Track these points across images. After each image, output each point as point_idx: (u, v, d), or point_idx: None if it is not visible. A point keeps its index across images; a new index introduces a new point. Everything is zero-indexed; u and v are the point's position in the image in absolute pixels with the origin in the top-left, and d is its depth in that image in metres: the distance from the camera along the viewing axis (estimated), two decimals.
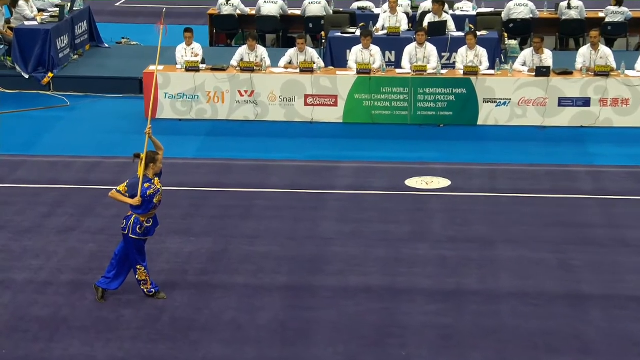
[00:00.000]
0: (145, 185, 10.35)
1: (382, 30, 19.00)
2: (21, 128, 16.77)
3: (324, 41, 19.15)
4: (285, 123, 16.96)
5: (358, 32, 18.28)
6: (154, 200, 10.45)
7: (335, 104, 17.01)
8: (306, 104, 17.05)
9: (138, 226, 10.41)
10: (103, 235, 12.32)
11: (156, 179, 10.53)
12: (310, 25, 20.72)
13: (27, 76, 18.68)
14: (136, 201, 10.31)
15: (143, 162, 10.37)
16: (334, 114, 17.02)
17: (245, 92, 17.09)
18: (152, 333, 10.00)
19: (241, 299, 10.74)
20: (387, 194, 13.85)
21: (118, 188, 10.42)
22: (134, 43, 21.96)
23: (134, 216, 10.41)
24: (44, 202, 13.37)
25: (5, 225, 12.53)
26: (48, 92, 18.58)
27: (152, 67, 17.28)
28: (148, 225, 10.52)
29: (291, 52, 17.55)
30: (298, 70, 17.12)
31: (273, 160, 15.18)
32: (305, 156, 15.41)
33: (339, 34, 18.87)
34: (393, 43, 18.44)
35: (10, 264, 11.43)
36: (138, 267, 10.55)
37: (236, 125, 16.90)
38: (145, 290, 10.65)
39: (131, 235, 10.42)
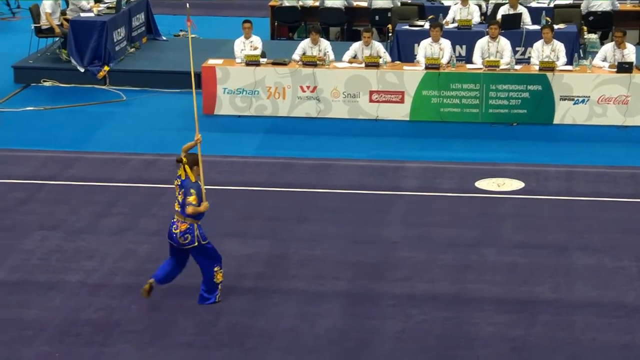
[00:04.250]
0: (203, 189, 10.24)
1: (453, 23, 18.74)
2: (76, 123, 16.75)
3: (390, 34, 18.95)
4: (349, 120, 16.75)
5: (427, 25, 18.03)
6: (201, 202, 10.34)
7: (402, 101, 16.70)
8: (371, 101, 16.77)
9: (201, 231, 10.28)
10: (158, 236, 12.12)
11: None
12: (377, 17, 20.57)
13: (82, 70, 18.63)
14: (205, 206, 10.20)
15: (201, 166, 10.26)
16: (400, 111, 16.74)
17: (308, 87, 16.82)
18: (207, 339, 9.83)
19: (300, 305, 10.53)
20: (456, 196, 13.58)
21: (192, 201, 10.13)
22: (193, 36, 21.76)
23: (195, 225, 10.22)
24: (98, 201, 13.29)
25: (59, 224, 12.45)
26: (104, 87, 18.56)
27: (211, 61, 17.18)
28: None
29: (356, 46, 17.33)
30: (363, 65, 16.91)
31: (335, 159, 14.97)
32: (370, 155, 15.19)
33: (407, 27, 18.64)
34: (464, 36, 18.15)
35: (63, 265, 11.36)
36: (216, 269, 10.41)
37: (297, 123, 16.73)
38: (219, 294, 10.51)
39: (203, 242, 10.27)
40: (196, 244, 10.21)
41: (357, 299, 10.63)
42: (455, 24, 18.52)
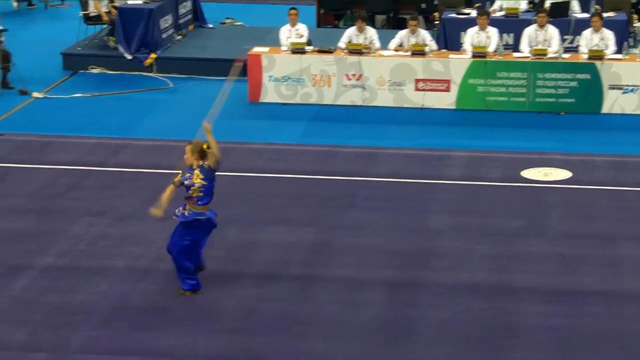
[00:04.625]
0: (187, 174, 10.24)
1: (500, 11, 18.55)
2: (123, 110, 16.86)
3: (437, 22, 18.83)
4: (394, 109, 16.66)
5: (474, 13, 17.88)
6: (189, 191, 10.27)
7: (448, 89, 16.60)
8: (417, 89, 16.68)
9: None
10: None
11: (197, 170, 10.28)
12: (423, 5, 20.50)
13: (129, 57, 18.71)
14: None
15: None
16: (446, 100, 16.63)
17: (353, 75, 16.77)
18: (251, 326, 9.83)
19: (344, 293, 10.49)
20: (501, 185, 13.46)
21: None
22: (239, 23, 21.92)
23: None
24: (145, 187, 13.30)
25: (106, 210, 12.51)
26: (150, 74, 18.62)
27: (256, 49, 17.18)
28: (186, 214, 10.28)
29: (402, 34, 17.24)
30: (409, 53, 16.84)
31: (380, 147, 14.90)
32: (415, 144, 15.11)
33: (454, 15, 18.49)
34: (511, 25, 17.98)
35: (109, 251, 11.41)
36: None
37: (342, 111, 16.68)
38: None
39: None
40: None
41: (400, 287, 10.58)
42: (503, 12, 18.33)
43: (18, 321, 9.77)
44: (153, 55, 18.71)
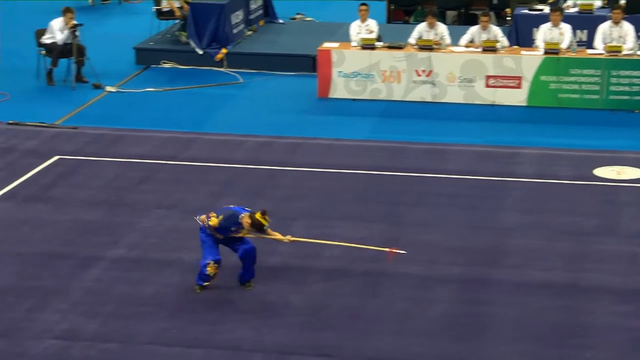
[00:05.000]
0: (233, 228, 10.13)
1: (574, 7, 18.38)
2: (193, 105, 16.96)
3: (509, 18, 18.66)
4: (465, 105, 16.56)
5: (547, 9, 17.72)
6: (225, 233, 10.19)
7: (519, 86, 16.46)
8: (487, 86, 16.56)
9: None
10: (272, 217, 11.85)
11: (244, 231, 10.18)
12: (495, 1, 20.38)
13: (201, 52, 18.83)
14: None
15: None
16: (517, 97, 16.49)
17: (423, 71, 16.67)
18: (319, 321, 9.81)
19: (413, 289, 10.42)
20: (573, 183, 13.28)
21: (213, 217, 10.15)
22: (309, 19, 21.93)
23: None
24: (215, 181, 13.38)
25: (177, 204, 12.57)
26: (221, 69, 18.72)
27: (326, 45, 17.19)
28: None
29: (473, 30, 17.11)
30: (480, 50, 16.72)
31: (450, 144, 14.79)
32: (485, 141, 14.97)
33: (526, 11, 18.36)
34: (585, 21, 17.80)
35: (180, 244, 11.46)
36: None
37: (412, 107, 16.60)
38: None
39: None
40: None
41: (470, 285, 10.48)
42: (577, 8, 18.12)
43: (89, 312, 9.88)
44: (224, 51, 18.81)
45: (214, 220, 10.09)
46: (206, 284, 10.29)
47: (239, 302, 10.13)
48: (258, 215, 10.00)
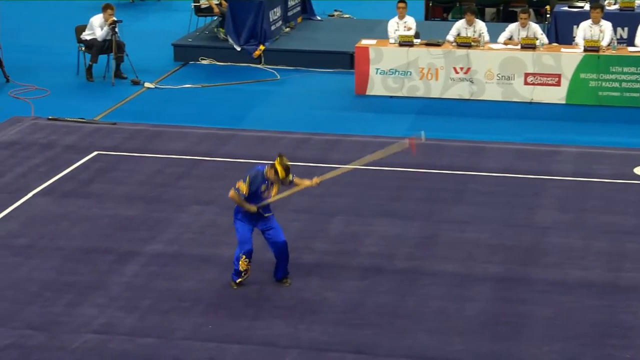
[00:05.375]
0: (262, 187, 10.13)
1: (615, 4, 18.23)
2: (231, 101, 17.02)
3: (548, 16, 18.49)
4: (503, 103, 16.49)
5: (587, 6, 17.60)
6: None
7: (558, 84, 16.33)
8: (526, 83, 16.46)
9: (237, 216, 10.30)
10: (308, 214, 12.21)
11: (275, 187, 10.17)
12: None
13: (238, 48, 18.87)
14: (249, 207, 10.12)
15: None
16: (556, 94, 16.36)
17: (461, 69, 16.62)
18: (355, 318, 9.78)
19: (450, 287, 10.36)
20: (613, 182, 13.14)
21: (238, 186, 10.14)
22: (347, 16, 21.91)
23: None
24: None
25: (214, 200, 12.59)
26: (259, 65, 18.75)
27: (364, 42, 17.16)
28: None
29: (512, 27, 17.04)
30: (519, 47, 16.62)
31: (488, 142, 14.71)
32: (524, 139, 14.86)
33: (566, 8, 18.23)
34: (626, 18, 17.65)
35: (217, 240, 11.50)
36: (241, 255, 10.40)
37: (450, 104, 16.55)
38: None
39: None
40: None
41: (508, 283, 10.40)
42: (617, 6, 17.97)
43: (127, 306, 9.94)
44: (262, 47, 18.83)
45: (243, 187, 10.05)
46: (240, 280, 10.31)
47: (275, 299, 10.13)
48: (277, 162, 9.97)
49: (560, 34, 17.74)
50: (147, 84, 17.66)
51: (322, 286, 10.34)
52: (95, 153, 14.18)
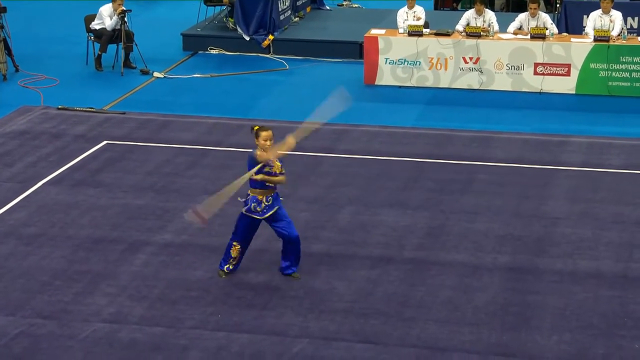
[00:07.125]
0: (266, 169, 10.18)
1: None
2: (240, 91, 17.02)
3: (558, 5, 18.48)
4: (512, 93, 16.48)
5: None
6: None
7: (568, 74, 16.31)
8: (536, 73, 16.42)
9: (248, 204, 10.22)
10: (317, 204, 12.20)
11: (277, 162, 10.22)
12: None
13: (247, 38, 18.87)
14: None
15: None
16: (566, 85, 16.34)
17: (470, 59, 16.57)
18: (364, 307, 9.77)
19: (459, 278, 10.33)
20: (623, 172, 13.10)
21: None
22: (356, 6, 21.90)
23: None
24: None
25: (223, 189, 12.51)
26: (267, 55, 18.74)
27: (373, 31, 17.13)
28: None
29: (522, 17, 17.02)
30: (528, 37, 16.60)
31: (497, 132, 14.68)
32: (533, 129, 14.84)
33: None
34: (636, 8, 17.77)
35: (226, 229, 11.39)
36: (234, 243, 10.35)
37: (459, 94, 16.53)
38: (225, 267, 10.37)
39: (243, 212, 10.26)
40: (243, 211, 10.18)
41: (517, 274, 10.38)
42: None
43: (137, 296, 9.95)
44: (270, 37, 18.81)
45: (256, 176, 10.09)
46: (228, 266, 10.26)
47: (284, 288, 10.13)
48: (256, 139, 10.11)
49: (570, 24, 17.70)
50: (156, 74, 17.66)
51: (331, 276, 10.34)
52: (104, 142, 14.21)
